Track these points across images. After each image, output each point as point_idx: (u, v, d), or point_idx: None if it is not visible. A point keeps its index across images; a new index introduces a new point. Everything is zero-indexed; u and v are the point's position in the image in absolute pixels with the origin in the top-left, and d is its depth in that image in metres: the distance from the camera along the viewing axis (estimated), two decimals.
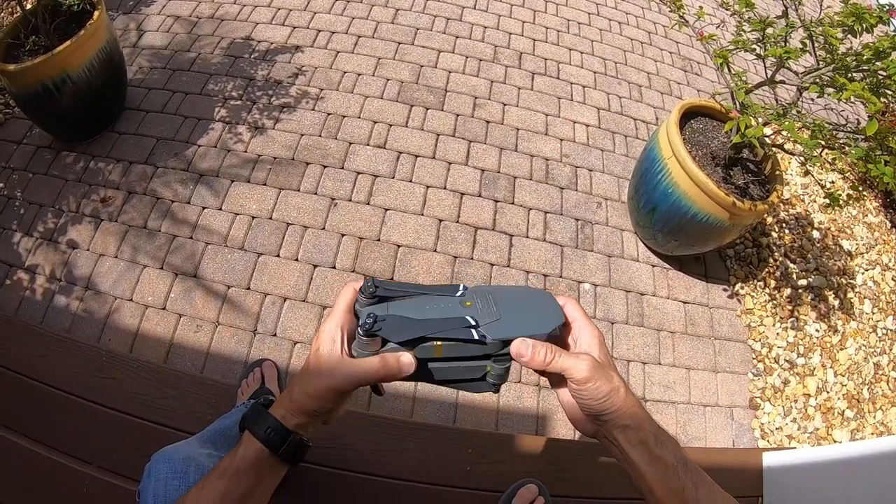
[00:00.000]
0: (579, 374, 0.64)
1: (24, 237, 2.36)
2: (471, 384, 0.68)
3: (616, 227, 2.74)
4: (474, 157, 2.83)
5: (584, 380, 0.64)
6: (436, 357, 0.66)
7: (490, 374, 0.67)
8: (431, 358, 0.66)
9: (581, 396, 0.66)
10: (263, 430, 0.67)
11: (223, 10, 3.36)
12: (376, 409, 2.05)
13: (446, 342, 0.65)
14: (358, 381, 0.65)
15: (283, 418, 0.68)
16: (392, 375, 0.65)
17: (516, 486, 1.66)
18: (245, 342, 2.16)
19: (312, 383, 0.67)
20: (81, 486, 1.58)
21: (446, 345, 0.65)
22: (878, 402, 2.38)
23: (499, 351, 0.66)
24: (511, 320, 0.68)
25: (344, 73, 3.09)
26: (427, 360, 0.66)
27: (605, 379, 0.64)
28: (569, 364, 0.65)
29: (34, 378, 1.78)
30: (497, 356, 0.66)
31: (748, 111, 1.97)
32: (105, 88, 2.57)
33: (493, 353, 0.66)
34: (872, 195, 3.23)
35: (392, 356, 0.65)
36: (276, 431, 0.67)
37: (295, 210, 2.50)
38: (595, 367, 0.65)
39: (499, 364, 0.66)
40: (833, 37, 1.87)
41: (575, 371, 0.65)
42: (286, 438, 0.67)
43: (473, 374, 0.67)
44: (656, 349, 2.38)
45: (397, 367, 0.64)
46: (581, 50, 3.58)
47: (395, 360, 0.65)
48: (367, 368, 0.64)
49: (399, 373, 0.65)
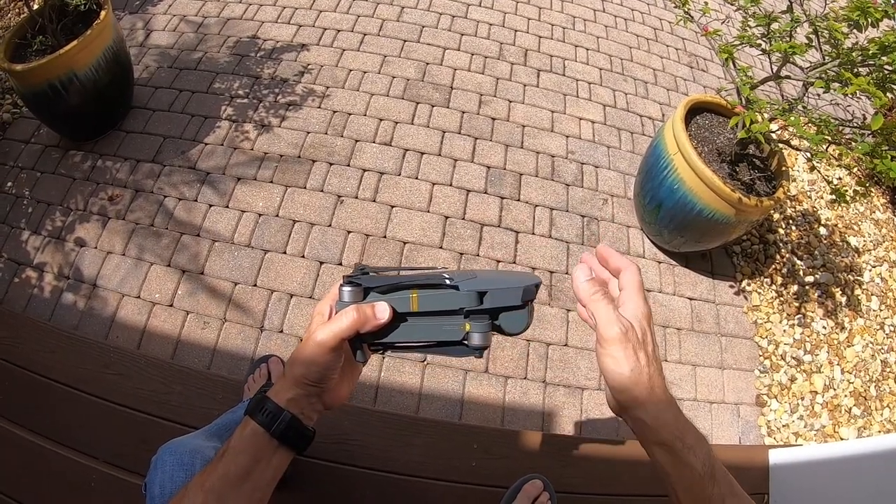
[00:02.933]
0: (609, 332, 0.63)
1: (32, 235, 2.38)
2: (451, 348, 0.68)
3: (622, 223, 2.73)
4: (480, 153, 2.84)
5: (609, 340, 0.62)
6: (412, 311, 0.67)
7: (470, 336, 0.66)
8: (408, 312, 0.67)
9: (602, 360, 0.64)
10: (259, 411, 0.68)
11: (229, 9, 3.37)
12: (382, 405, 2.06)
13: (421, 292, 0.66)
14: (335, 331, 0.64)
15: (276, 394, 0.68)
16: (367, 321, 0.65)
17: (521, 482, 1.67)
18: (251, 339, 2.17)
19: (299, 352, 0.67)
20: (89, 480, 1.59)
21: (422, 295, 0.66)
22: (885, 399, 2.37)
23: (475, 305, 0.65)
24: (486, 279, 0.69)
25: (350, 70, 3.09)
26: (404, 314, 0.67)
27: (632, 355, 0.62)
28: (606, 316, 0.63)
29: (42, 374, 1.80)
30: (474, 313, 0.66)
31: (754, 107, 1.97)
32: (112, 87, 2.58)
33: (469, 306, 0.65)
34: (879, 191, 3.21)
35: (367, 305, 0.66)
36: (269, 411, 0.67)
37: (301, 207, 2.51)
38: (626, 337, 0.63)
39: (477, 324, 0.65)
40: (838, 31, 1.86)
41: (607, 327, 0.63)
42: (279, 416, 0.67)
43: (452, 336, 0.67)
44: (662, 346, 2.38)
45: (372, 313, 0.65)
46: (586, 46, 3.58)
47: (370, 307, 0.65)
48: (342, 317, 0.65)
49: (373, 318, 0.65)
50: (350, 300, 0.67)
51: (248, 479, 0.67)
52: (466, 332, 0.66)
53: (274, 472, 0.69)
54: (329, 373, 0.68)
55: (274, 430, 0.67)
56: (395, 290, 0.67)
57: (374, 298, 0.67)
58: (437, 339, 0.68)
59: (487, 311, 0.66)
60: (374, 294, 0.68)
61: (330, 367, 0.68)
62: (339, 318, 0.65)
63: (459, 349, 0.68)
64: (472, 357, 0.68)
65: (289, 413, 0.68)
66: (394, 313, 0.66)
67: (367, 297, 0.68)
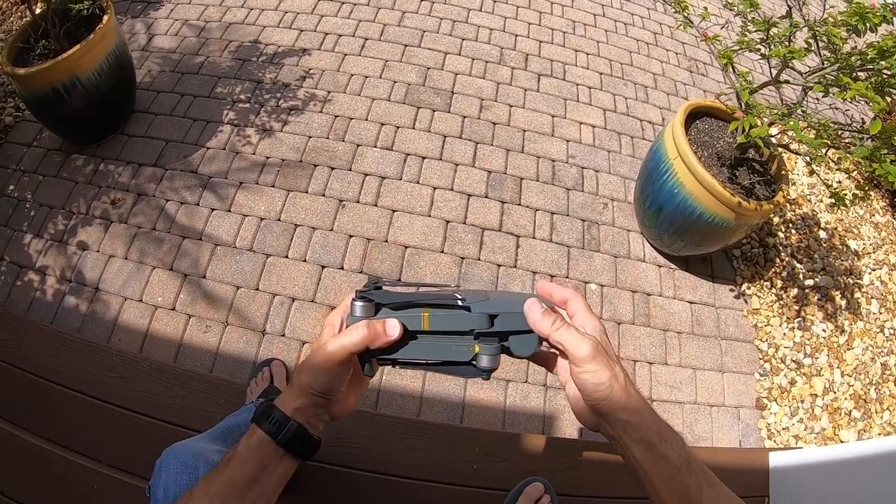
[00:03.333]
0: (581, 351, 0.63)
1: (34, 239, 2.38)
2: (459, 368, 0.68)
3: (622, 227, 2.74)
4: (481, 158, 2.85)
5: (584, 358, 0.63)
6: (423, 330, 0.67)
7: (479, 357, 0.67)
8: (419, 331, 0.67)
9: (580, 379, 0.65)
10: (266, 419, 0.68)
11: (231, 13, 3.38)
12: (384, 408, 2.06)
13: (433, 311, 0.67)
14: (346, 345, 0.65)
15: (283, 402, 0.69)
16: (377, 337, 0.65)
17: (522, 485, 1.67)
18: (254, 342, 2.17)
19: (307, 362, 0.68)
20: (92, 483, 1.60)
21: (433, 314, 0.67)
22: (885, 402, 2.38)
23: (485, 327, 0.66)
24: (497, 301, 0.69)
25: (351, 75, 3.10)
26: (414, 332, 0.67)
27: (606, 366, 0.64)
28: (573, 340, 0.64)
29: (45, 377, 1.81)
30: (484, 335, 0.66)
31: (753, 111, 1.98)
32: (114, 91, 2.59)
33: (480, 329, 0.66)
34: (879, 195, 3.22)
35: (378, 321, 0.66)
36: (276, 420, 0.68)
37: (303, 212, 2.52)
38: (598, 350, 0.64)
39: (486, 346, 0.66)
40: (837, 36, 1.87)
41: (578, 347, 0.64)
42: (286, 425, 0.68)
43: (461, 356, 0.67)
44: (663, 349, 2.39)
45: (382, 330, 0.65)
46: (587, 51, 3.59)
47: (381, 323, 0.66)
48: (353, 332, 0.65)
49: (384, 335, 0.65)
50: (362, 315, 0.67)
51: (253, 487, 0.67)
52: (475, 354, 0.67)
53: (279, 479, 0.70)
54: (337, 384, 0.69)
55: (280, 439, 0.68)
56: (407, 307, 0.68)
57: (385, 314, 0.67)
58: (445, 358, 0.68)
59: (497, 334, 0.67)
60: (386, 310, 0.68)
61: (338, 379, 0.69)
62: (350, 333, 0.66)
63: (467, 369, 0.68)
64: (480, 378, 0.69)
65: (295, 422, 0.68)
66: (404, 331, 0.67)
67: (378, 313, 0.68)
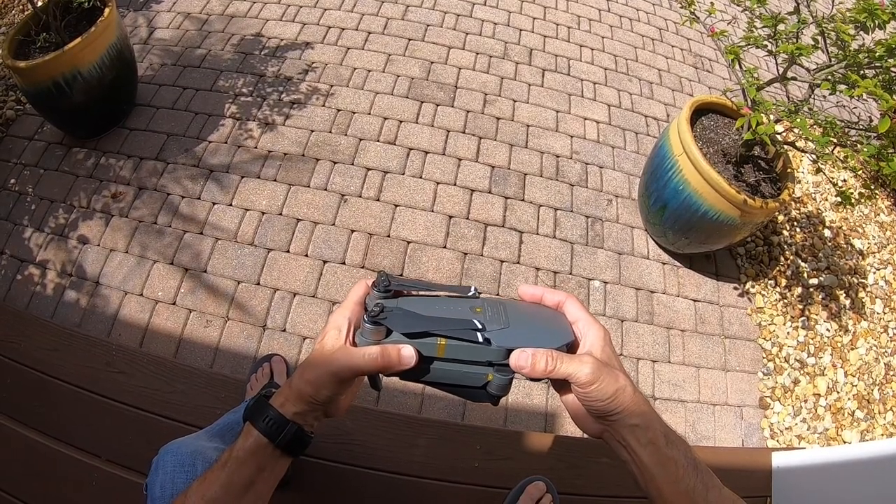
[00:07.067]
0: (583, 377, 0.63)
1: (35, 232, 2.38)
2: (470, 391, 0.67)
3: (626, 224, 2.72)
4: (484, 153, 2.83)
5: (587, 382, 0.63)
6: (438, 357, 0.65)
7: (491, 385, 0.65)
8: (433, 357, 0.65)
9: (587, 399, 0.64)
10: (263, 420, 0.67)
11: (233, 6, 3.36)
12: (385, 405, 2.05)
13: (450, 341, 0.64)
14: (355, 368, 0.64)
15: (282, 406, 0.68)
16: (391, 366, 0.63)
17: (524, 483, 1.66)
18: (254, 337, 2.17)
19: (312, 370, 0.66)
20: (90, 478, 1.59)
21: (449, 344, 0.64)
22: (888, 402, 2.36)
23: (502, 359, 0.64)
24: (518, 331, 0.66)
25: (354, 69, 3.09)
26: (429, 358, 0.65)
27: (611, 379, 0.63)
28: (571, 369, 0.64)
29: (44, 372, 1.80)
30: (499, 365, 0.65)
31: (759, 108, 1.96)
32: (116, 85, 2.58)
33: (496, 360, 0.64)
34: (885, 194, 3.20)
35: (393, 347, 0.64)
36: (274, 421, 0.67)
37: (305, 206, 2.51)
38: (599, 367, 0.63)
39: (500, 374, 0.65)
40: (845, 33, 1.85)
41: (579, 375, 0.63)
42: (284, 428, 0.67)
43: (474, 382, 0.66)
44: (666, 347, 2.38)
45: (397, 359, 0.63)
46: (591, 46, 3.57)
47: (396, 351, 0.63)
48: (365, 356, 0.63)
49: (398, 364, 0.63)
50: (371, 339, 0.65)
51: (250, 489, 0.67)
52: (487, 381, 0.66)
53: (275, 479, 0.70)
54: (339, 396, 0.69)
55: (279, 442, 0.67)
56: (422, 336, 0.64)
57: (397, 339, 0.65)
58: (458, 383, 0.67)
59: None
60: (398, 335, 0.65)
61: (341, 393, 0.68)
62: (362, 355, 0.64)
63: (477, 394, 0.67)
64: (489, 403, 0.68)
65: (295, 425, 0.67)
66: (419, 357, 0.64)
67: (390, 336, 0.65)
